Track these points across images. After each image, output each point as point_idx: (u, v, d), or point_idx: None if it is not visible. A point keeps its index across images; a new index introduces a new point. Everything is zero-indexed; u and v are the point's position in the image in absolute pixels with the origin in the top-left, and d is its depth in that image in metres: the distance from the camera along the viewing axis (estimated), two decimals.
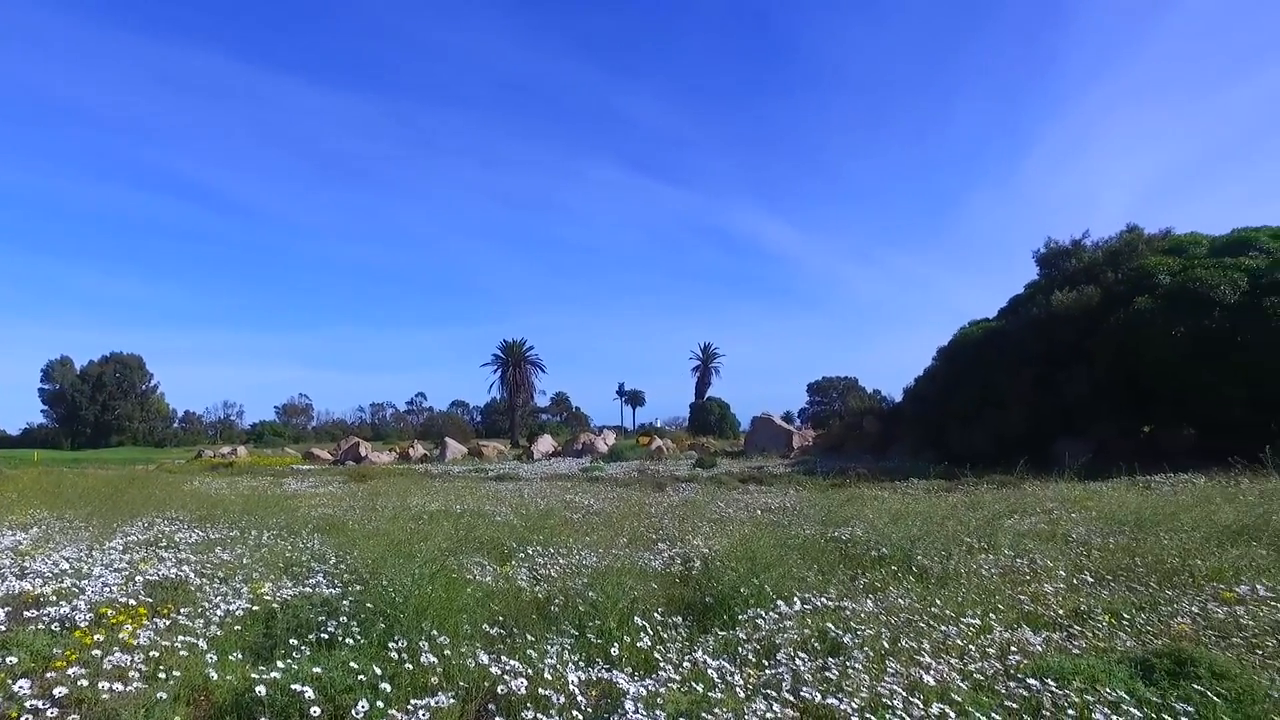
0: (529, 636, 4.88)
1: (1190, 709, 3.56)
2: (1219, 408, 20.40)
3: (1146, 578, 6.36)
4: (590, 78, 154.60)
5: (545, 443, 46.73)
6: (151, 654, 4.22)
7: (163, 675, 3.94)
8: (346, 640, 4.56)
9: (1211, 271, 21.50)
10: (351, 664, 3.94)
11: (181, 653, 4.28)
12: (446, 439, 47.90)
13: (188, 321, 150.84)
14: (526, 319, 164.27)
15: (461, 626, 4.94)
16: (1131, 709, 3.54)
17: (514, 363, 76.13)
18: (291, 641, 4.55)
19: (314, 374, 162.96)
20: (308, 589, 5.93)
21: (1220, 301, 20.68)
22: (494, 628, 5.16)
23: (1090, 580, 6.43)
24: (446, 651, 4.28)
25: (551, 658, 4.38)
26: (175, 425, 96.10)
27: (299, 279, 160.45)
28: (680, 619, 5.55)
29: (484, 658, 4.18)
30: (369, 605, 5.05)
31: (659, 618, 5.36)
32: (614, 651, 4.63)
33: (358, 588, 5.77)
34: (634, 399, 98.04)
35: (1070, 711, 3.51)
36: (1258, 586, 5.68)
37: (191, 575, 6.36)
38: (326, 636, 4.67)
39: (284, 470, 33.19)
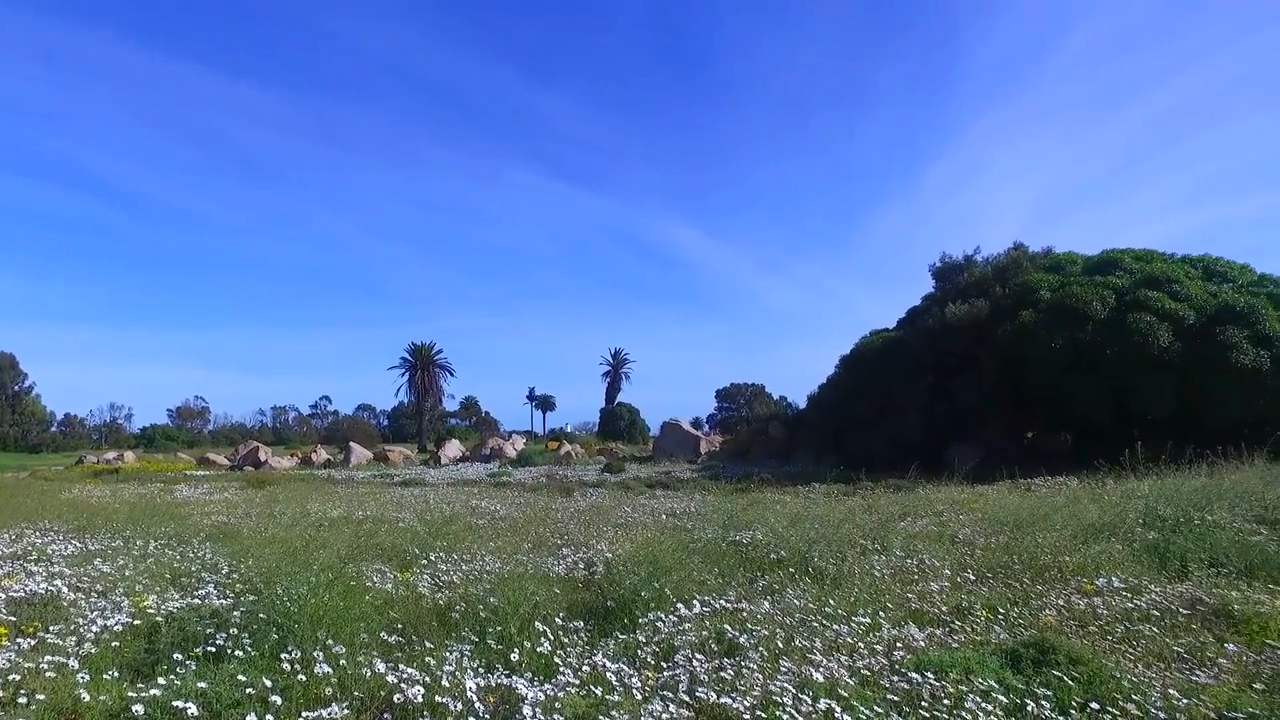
0: (428, 644, 4.82)
1: (1049, 693, 3.86)
2: (1090, 415, 21.90)
3: (1022, 574, 6.77)
4: (508, 80, 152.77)
5: (453, 447, 45.84)
6: (11, 677, 3.96)
7: (24, 699, 3.70)
8: (236, 653, 4.40)
9: (1085, 289, 23.08)
10: (240, 677, 3.81)
11: (48, 674, 4.03)
12: (351, 443, 46.41)
13: (70, 318, 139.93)
14: (437, 321, 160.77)
15: (359, 635, 4.84)
16: (999, 696, 3.80)
17: (422, 366, 74.41)
18: (176, 656, 4.35)
19: (211, 375, 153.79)
20: (197, 600, 5.68)
21: (1092, 317, 22.23)
22: (392, 636, 5.07)
23: (972, 578, 6.82)
24: (342, 661, 4.18)
25: (450, 665, 4.34)
26: (54, 429, 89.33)
27: (196, 275, 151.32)
28: (582, 623, 5.59)
29: (380, 666, 4.11)
30: (262, 615, 4.88)
31: (560, 622, 5.38)
32: (514, 657, 4.63)
33: (251, 598, 5.57)
34: (544, 404, 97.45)
35: (945, 701, 3.74)
36: (1113, 579, 6.18)
37: (65, 590, 5.97)
38: (214, 650, 4.49)
39: (176, 476, 31.47)
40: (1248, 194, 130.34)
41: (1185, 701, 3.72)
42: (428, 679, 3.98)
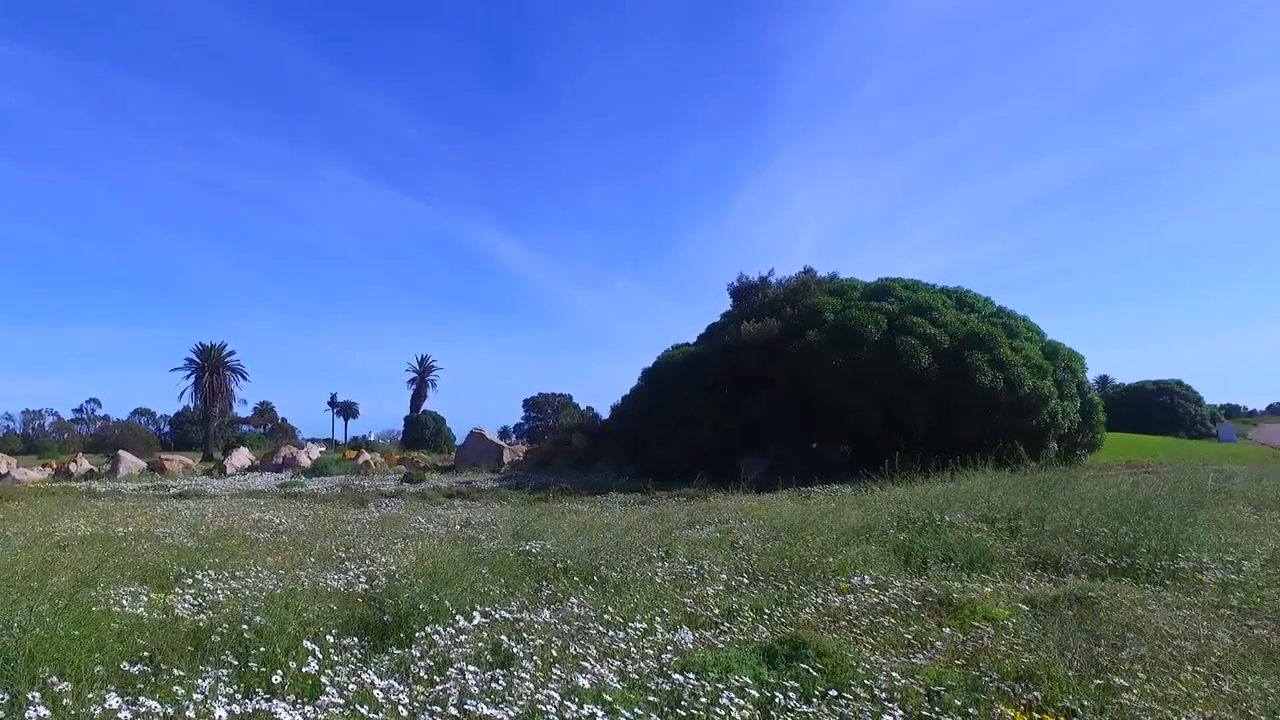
0: (178, 671, 4.45)
1: (797, 684, 4.24)
2: (865, 428, 24.17)
3: (790, 575, 7.33)
4: (326, 74, 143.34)
5: (241, 456, 42.40)
6: None
7: None
8: None
9: (862, 312, 25.47)
10: None
11: None
12: (121, 452, 41.43)
13: None
14: (230, 321, 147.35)
15: (94, 668, 4.37)
16: (753, 691, 4.12)
17: (211, 368, 68.21)
18: None
19: None
20: None
21: (867, 339, 24.57)
22: (137, 665, 4.62)
23: (746, 581, 7.28)
24: (66, 700, 3.76)
25: (201, 692, 4.05)
26: None
27: None
28: (356, 640, 5.39)
29: (114, 701, 3.75)
30: None
31: (332, 640, 5.16)
32: (277, 679, 4.38)
33: None
34: (347, 411, 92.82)
35: (703, 699, 3.99)
36: (865, 577, 6.85)
37: None
38: None
39: None
40: (991, 237, 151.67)
41: (904, 682, 4.23)
42: (171, 710, 3.69)
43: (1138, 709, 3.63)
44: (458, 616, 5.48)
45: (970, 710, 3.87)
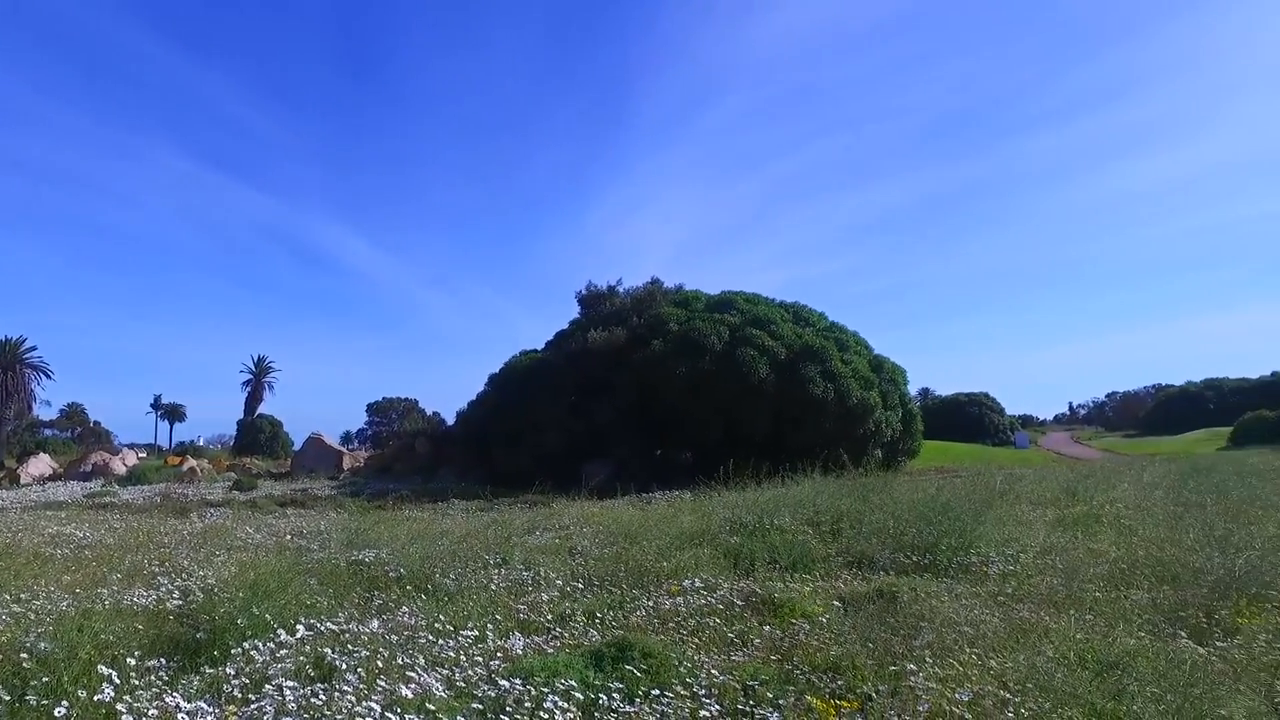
0: None
1: (622, 685, 4.37)
2: (706, 434, 25.04)
3: (624, 580, 7.48)
4: (156, 48, 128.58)
5: (41, 464, 38.12)
6: None
7: None
8: None
9: (706, 324, 26.42)
10: None
11: None
12: None
13: None
14: (33, 314, 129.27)
15: None
16: (578, 694, 4.20)
17: (5, 365, 60.42)
18: None
19: None
20: None
21: (710, 349, 25.50)
22: None
23: (581, 586, 7.38)
24: None
25: None
26: None
27: None
28: (164, 660, 5.01)
29: None
30: None
31: (134, 662, 4.77)
32: (61, 712, 4.00)
33: None
34: (173, 414, 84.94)
35: (527, 704, 4.04)
36: (696, 580, 7.12)
37: None
38: None
39: None
40: (828, 255, 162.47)
41: (723, 678, 4.46)
42: None
43: (921, 689, 4.03)
44: (279, 630, 5.21)
45: (780, 701, 4.14)
